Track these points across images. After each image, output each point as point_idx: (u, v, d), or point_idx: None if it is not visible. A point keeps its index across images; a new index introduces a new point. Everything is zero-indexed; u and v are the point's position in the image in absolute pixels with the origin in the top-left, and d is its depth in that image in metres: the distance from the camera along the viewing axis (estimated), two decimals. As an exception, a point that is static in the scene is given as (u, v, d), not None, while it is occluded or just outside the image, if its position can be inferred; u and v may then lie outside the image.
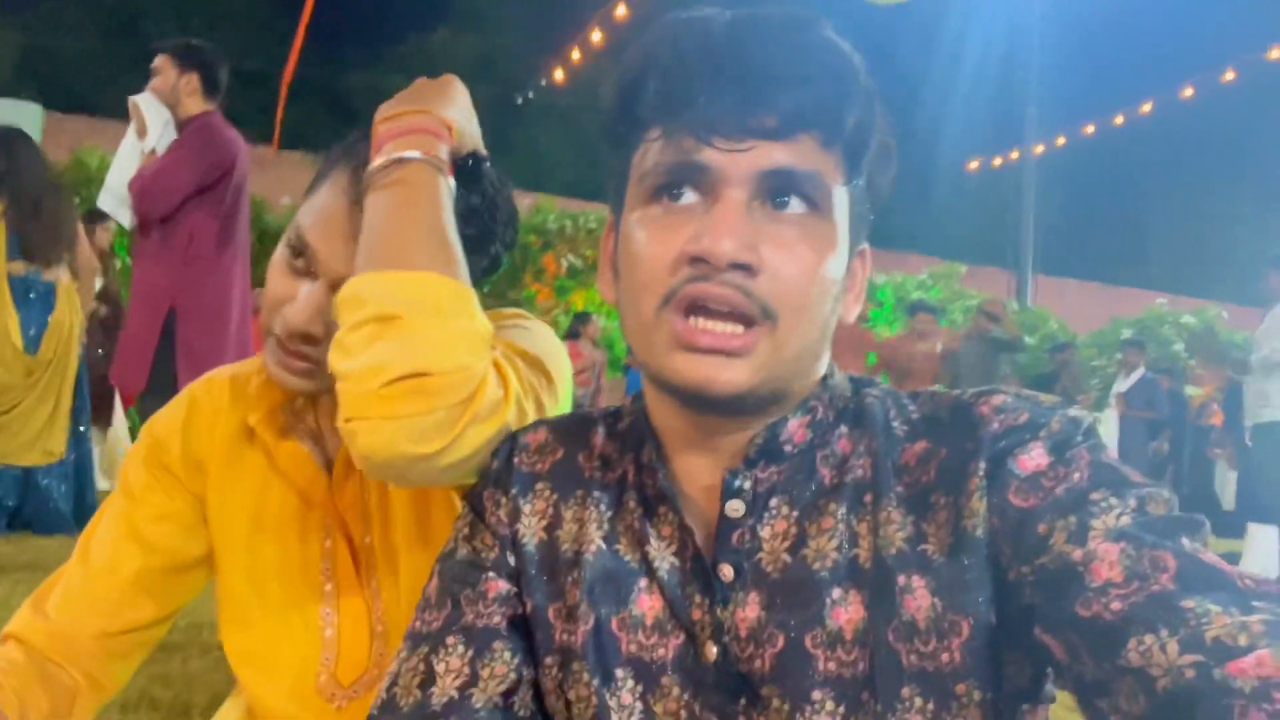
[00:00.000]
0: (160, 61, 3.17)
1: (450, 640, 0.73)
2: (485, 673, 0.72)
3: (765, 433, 0.70)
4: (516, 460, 0.80)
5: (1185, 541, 0.57)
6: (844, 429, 0.72)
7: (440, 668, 0.72)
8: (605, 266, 0.78)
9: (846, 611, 0.65)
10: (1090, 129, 10.91)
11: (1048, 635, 0.59)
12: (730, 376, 0.64)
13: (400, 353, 0.74)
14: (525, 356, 0.92)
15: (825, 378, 0.73)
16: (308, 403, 1.01)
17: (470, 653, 0.73)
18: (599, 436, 0.81)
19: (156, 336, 3.07)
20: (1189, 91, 9.86)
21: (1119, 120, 10.72)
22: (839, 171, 0.67)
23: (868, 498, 0.68)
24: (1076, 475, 0.61)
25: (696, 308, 0.64)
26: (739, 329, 0.64)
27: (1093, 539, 0.58)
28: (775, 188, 0.65)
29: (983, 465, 0.64)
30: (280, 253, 0.93)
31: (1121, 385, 7.80)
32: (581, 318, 8.20)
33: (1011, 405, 0.67)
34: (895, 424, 0.71)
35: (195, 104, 3.20)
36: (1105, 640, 0.54)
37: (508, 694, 0.73)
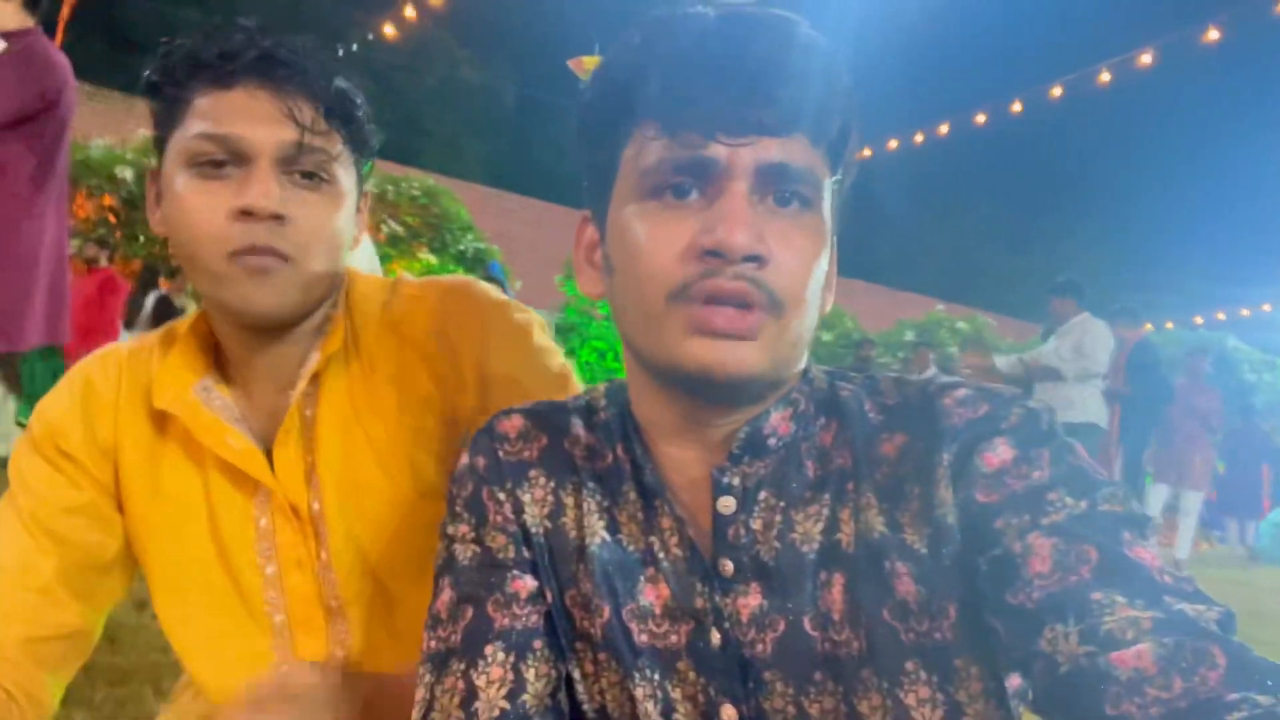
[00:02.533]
0: None
1: (488, 650, 0.72)
2: (530, 674, 0.72)
3: (748, 427, 0.71)
4: (500, 452, 0.79)
5: (1126, 536, 0.60)
6: (823, 420, 0.74)
7: (480, 680, 0.70)
8: (584, 263, 0.78)
9: (831, 594, 0.68)
10: (894, 144, 11.72)
11: (992, 619, 0.63)
12: (741, 358, 0.65)
13: None
14: None
15: (804, 370, 0.76)
16: (221, 375, 0.94)
17: (511, 657, 0.72)
18: (578, 427, 0.81)
19: (-43, 284, 2.69)
20: (981, 118, 10.83)
21: (919, 139, 11.59)
22: (825, 168, 0.69)
23: (849, 486, 0.71)
24: (1037, 474, 0.64)
25: (709, 299, 0.65)
26: (746, 313, 0.66)
27: (1034, 534, 0.61)
28: (774, 182, 0.66)
29: (946, 457, 0.67)
30: (193, 185, 0.83)
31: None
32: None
33: (973, 398, 0.70)
34: (870, 413, 0.74)
35: (12, 17, 2.79)
36: (1026, 627, 0.59)
37: (554, 692, 0.73)
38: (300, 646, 0.94)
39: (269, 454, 0.91)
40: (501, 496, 0.78)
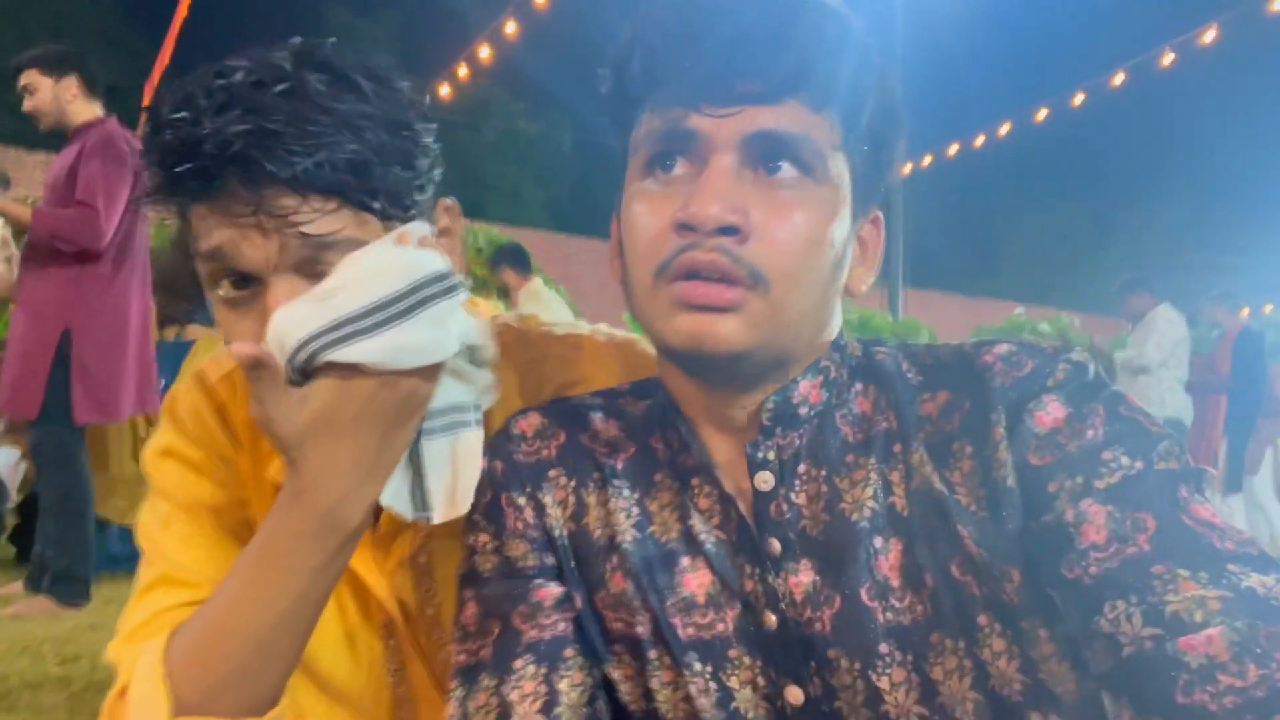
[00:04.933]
0: (29, 77, 2.93)
1: (518, 664, 0.70)
2: (564, 685, 0.70)
3: (776, 397, 0.69)
4: (518, 455, 0.77)
5: (1182, 493, 0.58)
6: (859, 387, 0.72)
7: (514, 695, 0.69)
8: (614, 252, 0.76)
9: (889, 560, 0.66)
10: (954, 149, 11.51)
11: (1049, 590, 0.61)
12: (722, 332, 0.63)
13: None
14: None
15: (835, 340, 0.73)
16: None
17: (544, 670, 0.70)
18: (598, 421, 0.79)
19: (50, 358, 2.85)
20: (1043, 114, 10.56)
21: (979, 142, 11.36)
22: (835, 134, 0.66)
23: (896, 448, 0.68)
24: (1091, 432, 0.62)
25: (689, 275, 0.63)
26: (725, 287, 0.63)
27: (1088, 500, 0.59)
28: (764, 152, 0.64)
29: (1001, 417, 0.64)
30: (223, 314, 0.73)
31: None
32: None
33: (1015, 354, 0.67)
34: (909, 374, 0.71)
35: (83, 109, 2.98)
36: (1084, 603, 0.57)
37: (591, 700, 0.71)
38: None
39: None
40: (521, 501, 0.76)
